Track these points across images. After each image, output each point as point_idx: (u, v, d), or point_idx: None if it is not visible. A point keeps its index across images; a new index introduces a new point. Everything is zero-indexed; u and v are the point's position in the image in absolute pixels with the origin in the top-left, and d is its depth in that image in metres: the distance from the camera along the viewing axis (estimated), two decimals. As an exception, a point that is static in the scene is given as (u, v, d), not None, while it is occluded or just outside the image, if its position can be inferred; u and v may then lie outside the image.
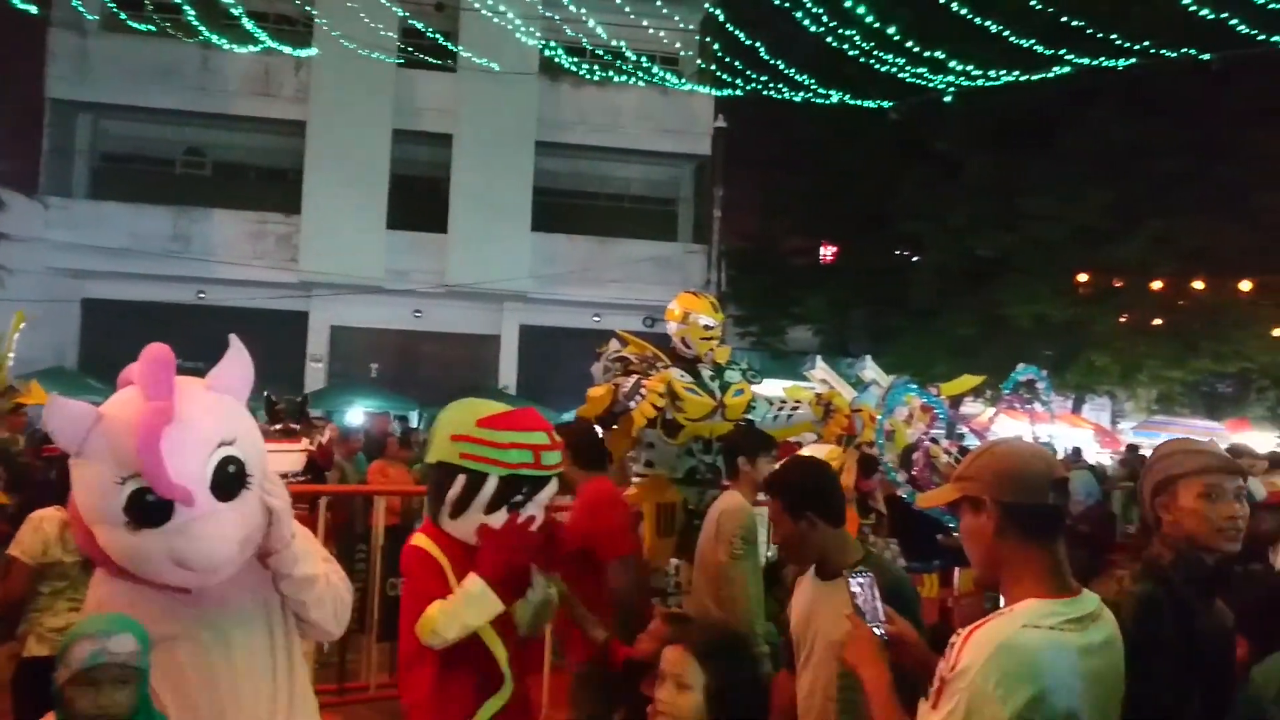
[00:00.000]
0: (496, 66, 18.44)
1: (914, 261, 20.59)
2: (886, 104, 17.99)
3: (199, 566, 2.15)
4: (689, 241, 22.79)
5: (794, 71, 17.05)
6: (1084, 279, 17.53)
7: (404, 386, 19.36)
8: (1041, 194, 17.42)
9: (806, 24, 15.55)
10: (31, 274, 17.37)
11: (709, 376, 4.74)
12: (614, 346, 4.73)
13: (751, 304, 22.25)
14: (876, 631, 2.14)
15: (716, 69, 19.13)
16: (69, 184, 20.73)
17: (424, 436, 9.06)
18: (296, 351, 20.06)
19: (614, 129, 21.62)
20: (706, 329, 4.74)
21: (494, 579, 2.64)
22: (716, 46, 18.68)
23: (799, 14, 15.32)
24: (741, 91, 18.00)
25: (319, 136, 20.03)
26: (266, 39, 17.68)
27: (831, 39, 15.66)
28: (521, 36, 18.01)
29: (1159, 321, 18.17)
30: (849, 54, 15.97)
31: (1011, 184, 17.73)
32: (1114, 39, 14.36)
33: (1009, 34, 14.70)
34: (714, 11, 16.82)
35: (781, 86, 17.43)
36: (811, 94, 17.27)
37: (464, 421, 2.78)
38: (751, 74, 17.48)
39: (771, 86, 17.45)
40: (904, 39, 15.42)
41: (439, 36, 18.25)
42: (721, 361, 4.82)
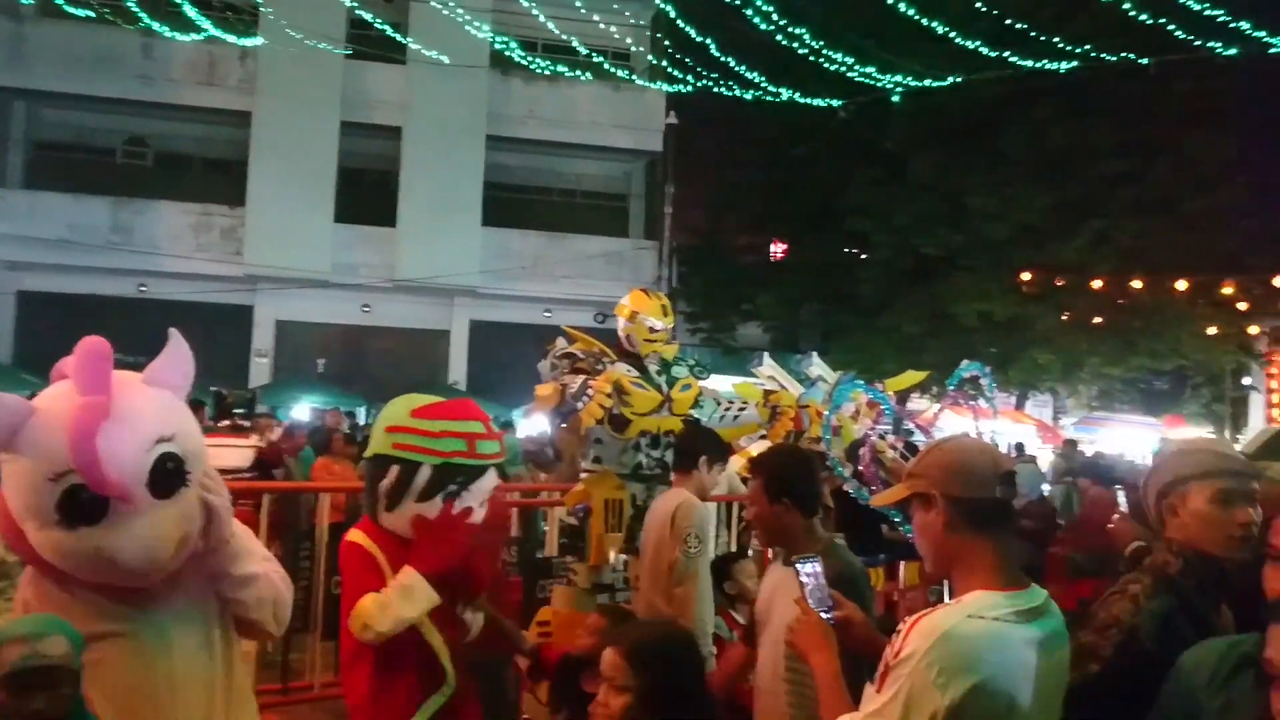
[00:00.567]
0: (447, 59, 18.28)
1: (862, 259, 20.83)
2: (836, 103, 18.17)
3: (135, 565, 2.11)
4: (640, 238, 22.80)
5: (745, 69, 17.15)
6: (1027, 278, 17.85)
7: (352, 382, 19.14)
8: (985, 194, 17.72)
9: (757, 21, 15.65)
10: (-36, 265, 16.93)
11: (656, 371, 4.75)
12: (561, 344, 4.73)
13: (702, 300, 22.38)
14: (824, 617, 2.18)
15: (668, 65, 19.17)
16: (3, 173, 20.17)
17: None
18: (241, 346, 19.71)
19: (566, 124, 21.53)
20: (652, 331, 4.73)
21: (429, 571, 2.59)
22: (668, 43, 18.71)
23: (749, 12, 15.40)
24: (692, 88, 18.05)
25: (265, 127, 19.69)
26: (210, 27, 17.32)
27: (781, 37, 15.78)
28: (472, 30, 17.87)
29: (1099, 320, 18.55)
30: (799, 53, 16.11)
31: (956, 184, 18.02)
32: (1056, 42, 14.65)
33: (955, 36, 14.93)
34: (665, 8, 16.83)
35: (732, 84, 17.52)
36: (762, 92, 17.38)
37: (399, 414, 2.76)
38: (703, 71, 17.54)
39: (722, 84, 17.53)
40: (852, 39, 15.59)
41: (388, 28, 18.04)
42: (669, 357, 4.84)
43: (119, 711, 2.16)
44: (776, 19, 15.53)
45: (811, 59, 16.22)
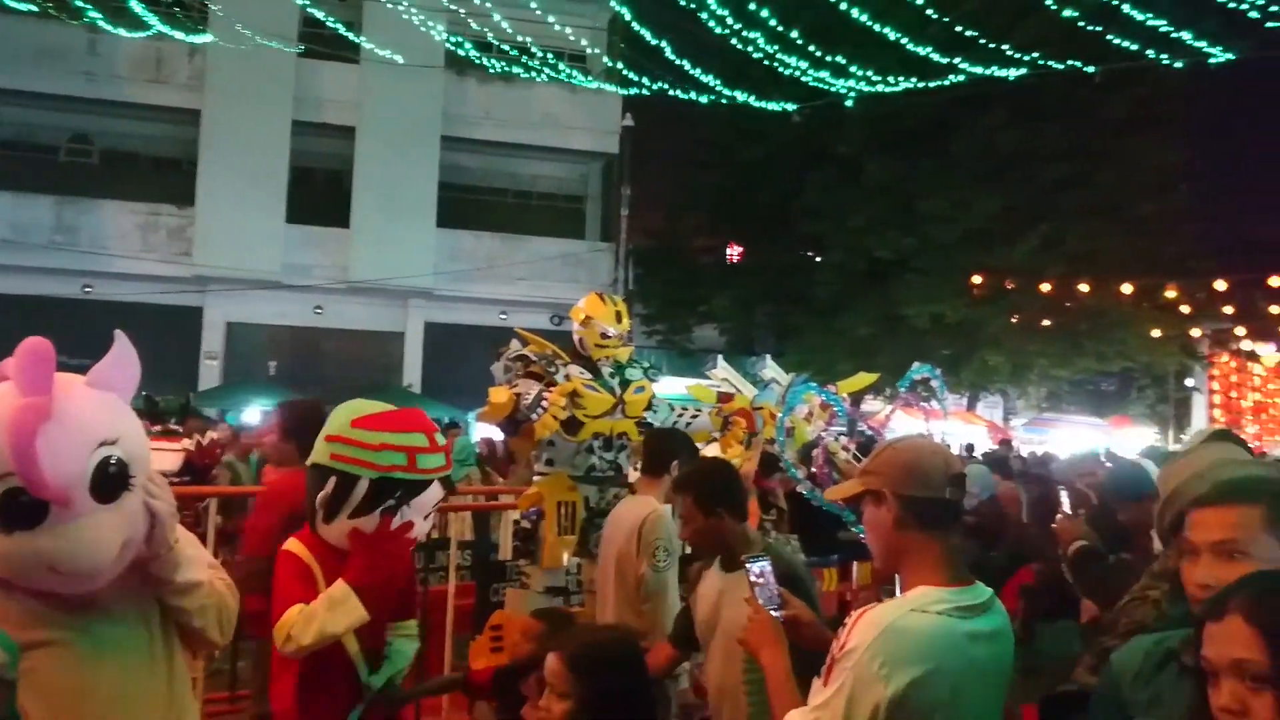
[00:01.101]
0: (401, 59, 18.13)
1: (817, 262, 21.01)
2: (790, 107, 18.32)
3: (75, 571, 2.06)
4: (596, 240, 22.78)
5: (700, 72, 17.23)
6: (978, 280, 18.13)
7: (304, 385, 18.81)
8: (937, 197, 17.96)
9: (712, 25, 15.74)
10: (-100, 265, 16.45)
11: (609, 374, 4.75)
12: (515, 346, 4.71)
13: (658, 302, 22.42)
14: (774, 614, 2.23)
15: (624, 67, 19.18)
16: (-58, 171, 19.65)
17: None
18: (190, 348, 19.38)
19: (521, 125, 21.45)
20: (604, 337, 4.72)
21: (361, 585, 2.54)
22: (624, 45, 18.73)
23: (705, 15, 15.49)
24: (648, 90, 18.10)
25: (214, 126, 19.38)
26: (158, 23, 17.02)
27: (737, 41, 15.88)
28: (427, 29, 17.75)
29: (1048, 322, 18.85)
30: (754, 57, 16.23)
31: (908, 187, 18.24)
32: (1005, 49, 14.90)
33: (906, 42, 15.14)
34: (621, 10, 16.85)
35: (688, 87, 17.59)
36: (717, 95, 17.47)
37: (340, 423, 2.69)
38: (658, 73, 17.60)
39: (678, 86, 17.60)
40: (806, 43, 15.73)
41: (341, 26, 17.86)
42: (622, 360, 4.84)
43: (56, 721, 2.11)
44: (732, 23, 15.64)
45: (766, 63, 16.35)
